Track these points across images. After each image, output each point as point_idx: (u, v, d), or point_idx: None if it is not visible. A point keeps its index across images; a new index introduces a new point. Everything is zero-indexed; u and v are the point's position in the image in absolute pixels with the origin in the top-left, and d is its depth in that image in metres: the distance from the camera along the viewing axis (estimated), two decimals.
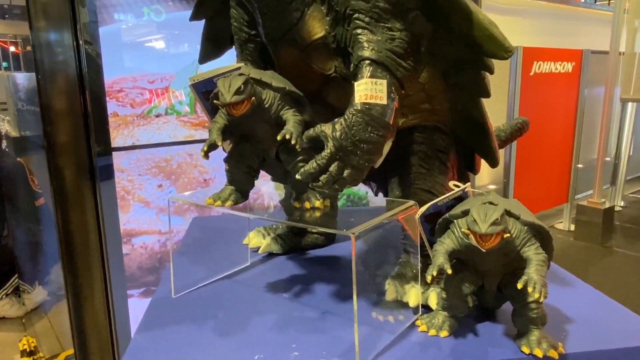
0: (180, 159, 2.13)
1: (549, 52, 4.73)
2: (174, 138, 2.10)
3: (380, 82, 0.78)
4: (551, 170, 4.99)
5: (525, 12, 5.52)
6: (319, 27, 0.87)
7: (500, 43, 0.83)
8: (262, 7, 0.88)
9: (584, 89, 5.06)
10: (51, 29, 1.83)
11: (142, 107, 2.02)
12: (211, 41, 1.17)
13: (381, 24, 0.80)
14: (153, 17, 1.99)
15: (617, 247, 4.53)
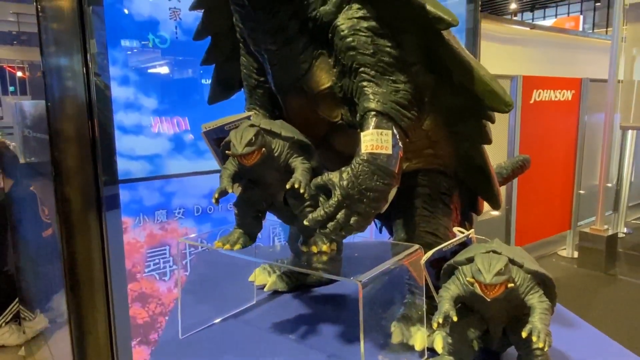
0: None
1: (549, 80, 4.79)
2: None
3: (386, 132, 0.81)
4: (553, 197, 5.00)
5: (525, 41, 5.62)
6: (326, 78, 0.90)
7: (500, 97, 0.86)
8: (272, 59, 0.92)
9: (583, 117, 5.11)
10: (62, 55, 1.87)
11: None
12: (221, 84, 1.21)
13: (386, 76, 0.83)
14: (158, 44, 2.04)
15: (621, 275, 4.50)
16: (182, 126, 2.16)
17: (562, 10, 15.61)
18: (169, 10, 2.03)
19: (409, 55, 0.85)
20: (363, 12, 0.85)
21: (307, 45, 0.89)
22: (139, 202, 2.06)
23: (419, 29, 0.84)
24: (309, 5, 0.86)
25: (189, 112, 2.16)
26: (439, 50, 0.86)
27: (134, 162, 2.02)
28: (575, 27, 12.86)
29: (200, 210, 2.22)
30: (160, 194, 2.11)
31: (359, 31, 0.83)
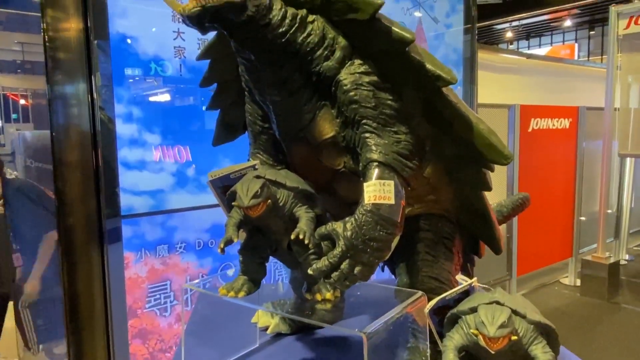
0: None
1: (546, 109, 4.85)
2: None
3: (388, 183, 0.82)
4: (554, 224, 5.00)
5: (521, 70, 5.71)
6: (329, 128, 0.92)
7: (499, 151, 0.88)
8: (277, 109, 0.95)
9: (582, 144, 5.15)
10: (67, 85, 1.89)
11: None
12: (226, 127, 1.24)
13: (387, 128, 0.86)
14: (160, 72, 2.08)
15: (625, 304, 4.47)
16: (184, 156, 2.18)
17: (557, 39, 15.94)
18: (174, 49, 2.07)
19: (410, 107, 0.88)
20: (365, 67, 0.88)
21: (310, 96, 0.92)
22: (141, 237, 2.06)
23: (418, 84, 0.87)
24: (313, 61, 0.89)
25: (191, 141, 2.18)
26: (439, 105, 0.89)
27: (137, 198, 2.03)
28: (571, 54, 13.09)
29: (201, 244, 2.22)
30: (162, 228, 2.11)
31: (361, 85, 0.86)
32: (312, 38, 0.88)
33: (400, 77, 0.88)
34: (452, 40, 3.05)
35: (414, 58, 0.84)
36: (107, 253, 1.98)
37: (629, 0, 9.29)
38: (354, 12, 0.86)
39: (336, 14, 0.89)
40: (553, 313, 4.29)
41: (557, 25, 14.90)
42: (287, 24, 0.86)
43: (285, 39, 0.87)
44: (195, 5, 0.79)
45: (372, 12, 0.84)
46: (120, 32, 1.94)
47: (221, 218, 2.31)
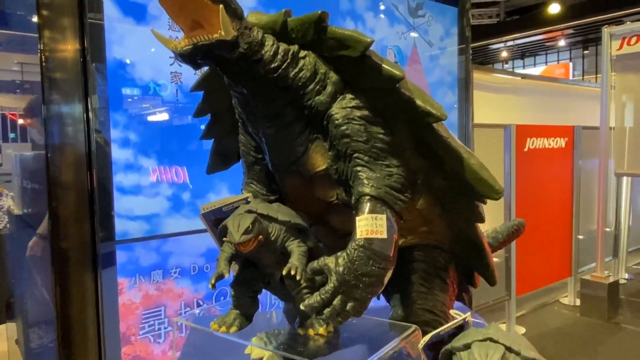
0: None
1: (541, 128, 4.88)
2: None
3: (380, 217, 0.82)
4: (552, 243, 4.99)
5: (516, 90, 5.76)
6: (321, 161, 0.93)
7: (490, 186, 0.88)
8: (269, 142, 0.95)
9: (578, 163, 5.17)
10: (63, 105, 1.88)
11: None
12: (219, 156, 1.24)
13: (379, 161, 0.86)
14: (158, 92, 2.08)
15: (625, 324, 4.43)
16: (182, 177, 2.17)
17: (552, 58, 16.16)
18: (170, 74, 2.09)
19: (401, 141, 0.88)
20: (356, 102, 0.89)
21: (303, 129, 0.92)
22: (136, 262, 2.04)
23: (409, 120, 0.88)
24: (305, 95, 0.90)
25: (188, 162, 2.17)
26: (429, 140, 0.89)
27: (132, 223, 2.02)
28: (566, 73, 13.24)
29: (197, 269, 2.20)
30: (157, 253, 2.10)
31: (352, 120, 0.86)
32: (304, 73, 0.89)
33: (391, 112, 0.88)
34: (447, 62, 3.08)
35: (404, 94, 0.85)
36: (100, 278, 1.96)
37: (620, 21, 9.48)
38: (344, 49, 0.87)
39: (327, 50, 0.91)
40: (554, 334, 4.25)
41: (552, 44, 15.14)
42: (279, 59, 0.87)
43: (277, 74, 0.87)
44: (187, 44, 0.80)
45: (363, 49, 0.85)
46: (117, 57, 1.95)
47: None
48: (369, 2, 2.63)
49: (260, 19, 0.95)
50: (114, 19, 1.93)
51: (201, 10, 0.83)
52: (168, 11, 0.85)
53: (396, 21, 2.78)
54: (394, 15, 2.76)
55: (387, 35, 2.74)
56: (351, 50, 0.87)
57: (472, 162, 0.89)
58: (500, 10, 10.82)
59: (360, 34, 0.88)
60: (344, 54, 0.88)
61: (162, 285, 2.12)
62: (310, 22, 0.91)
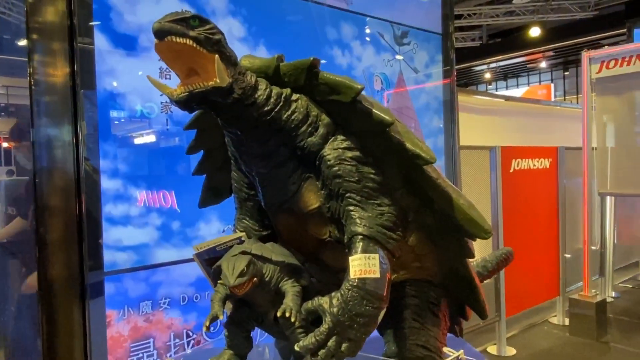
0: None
1: (526, 150, 4.97)
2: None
3: (373, 256, 0.83)
4: (540, 263, 5.03)
5: (500, 112, 5.88)
6: (314, 199, 0.94)
7: (479, 225, 0.90)
8: (262, 181, 0.96)
9: (562, 183, 5.26)
10: (51, 128, 1.87)
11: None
12: (211, 191, 1.25)
13: (371, 201, 0.87)
14: (145, 114, 2.09)
15: (614, 343, 4.45)
16: (169, 201, 2.16)
17: (534, 79, 16.59)
18: (161, 104, 2.10)
19: (392, 181, 0.90)
20: (347, 143, 0.91)
21: (295, 169, 0.94)
22: (124, 293, 2.02)
23: (399, 161, 0.90)
24: (298, 136, 0.92)
25: (176, 186, 2.16)
26: (419, 180, 0.91)
27: (120, 253, 2.00)
28: (547, 94, 13.57)
29: (186, 299, 2.18)
30: (146, 284, 2.08)
31: (344, 160, 0.88)
32: (296, 115, 0.91)
33: (382, 153, 0.90)
34: (433, 87, 3.14)
35: (394, 138, 0.87)
36: (88, 310, 1.93)
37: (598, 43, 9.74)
38: (336, 94, 0.90)
39: (319, 94, 0.93)
40: (544, 355, 4.26)
41: (533, 66, 15.55)
42: (272, 102, 0.90)
43: (270, 116, 0.89)
44: (183, 91, 0.82)
45: (354, 95, 0.88)
46: (107, 88, 1.96)
47: None
48: (355, 31, 2.69)
49: (253, 62, 0.98)
50: (104, 50, 1.94)
51: (197, 58, 0.85)
52: (163, 58, 0.87)
53: (382, 49, 2.83)
54: (379, 43, 2.82)
55: (374, 62, 2.80)
56: (342, 95, 0.89)
57: (461, 202, 0.91)
58: (483, 33, 11.14)
59: (350, 81, 0.90)
60: (335, 99, 0.90)
61: (151, 316, 2.09)
62: (302, 68, 0.93)
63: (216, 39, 0.87)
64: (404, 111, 2.92)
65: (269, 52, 2.38)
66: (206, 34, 0.86)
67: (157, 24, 0.83)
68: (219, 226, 2.27)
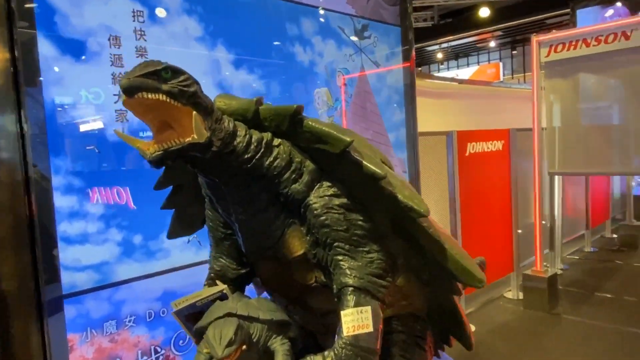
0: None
1: (480, 133, 5.09)
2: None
3: (365, 309, 0.81)
4: (495, 241, 5.23)
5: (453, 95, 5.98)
6: (299, 245, 0.90)
7: (473, 275, 0.89)
8: (242, 227, 0.91)
9: (514, 164, 5.45)
10: None
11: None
12: (181, 223, 1.18)
13: (360, 248, 0.84)
14: (91, 100, 1.95)
15: (565, 314, 4.72)
16: (124, 197, 2.06)
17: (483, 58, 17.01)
18: (115, 113, 1.97)
19: (381, 227, 0.88)
20: (334, 190, 0.87)
21: (278, 214, 0.89)
22: (86, 315, 1.92)
23: (390, 211, 0.87)
24: (281, 183, 0.87)
25: (130, 181, 2.04)
26: (410, 229, 0.89)
27: (80, 274, 1.90)
28: (496, 73, 13.97)
29: (152, 315, 2.11)
30: (109, 303, 1.98)
31: (331, 209, 0.85)
32: (278, 162, 0.86)
33: (370, 201, 0.87)
34: (394, 80, 3.13)
35: (386, 189, 0.84)
36: (48, 335, 1.82)
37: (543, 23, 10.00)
38: (323, 144, 0.85)
39: (303, 141, 0.88)
40: (501, 330, 4.45)
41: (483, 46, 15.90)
42: (252, 149, 0.84)
43: (251, 164, 0.84)
44: (157, 150, 0.75)
45: (343, 147, 0.83)
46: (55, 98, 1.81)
47: (172, 284, 2.20)
48: (316, 26, 2.61)
49: (229, 104, 0.91)
50: (49, 57, 1.79)
51: (170, 112, 0.78)
52: (133, 112, 0.79)
53: (344, 44, 2.78)
54: (341, 38, 2.76)
55: (336, 58, 2.74)
56: (330, 146, 0.85)
57: (454, 252, 0.90)
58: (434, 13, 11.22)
59: (339, 131, 0.85)
60: (321, 148, 0.86)
61: (117, 336, 2.00)
62: (285, 115, 0.88)
63: (191, 91, 0.80)
64: (367, 106, 2.90)
65: (228, 51, 2.28)
66: (180, 86, 0.79)
67: (125, 81, 0.76)
68: (183, 237, 2.19)
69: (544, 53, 5.06)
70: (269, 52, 2.44)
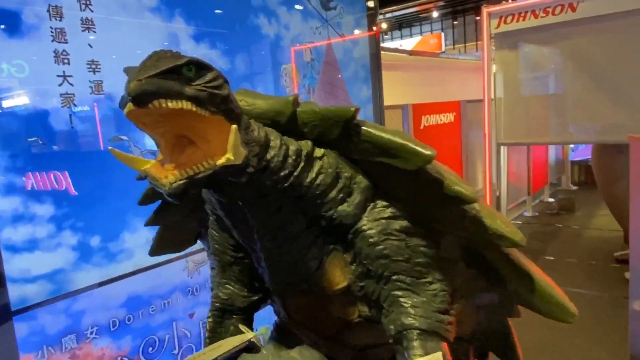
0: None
1: (433, 106, 5.11)
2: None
3: (436, 356, 0.68)
4: None
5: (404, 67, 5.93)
6: (341, 276, 0.75)
7: (566, 309, 0.78)
8: (269, 257, 0.74)
9: (465, 135, 5.54)
10: None
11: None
12: (171, 239, 0.99)
13: (422, 280, 0.71)
14: (14, 73, 1.66)
15: None
16: (63, 183, 1.80)
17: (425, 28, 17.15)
18: (60, 96, 1.69)
19: (448, 252, 0.74)
20: (391, 210, 0.71)
21: (315, 240, 0.73)
22: (41, 332, 1.68)
23: (470, 235, 0.73)
24: (324, 205, 0.70)
25: (69, 165, 1.77)
26: (491, 257, 0.76)
27: (30, 286, 1.64)
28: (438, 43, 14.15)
29: (117, 323, 1.89)
30: (66, 316, 1.75)
31: (390, 235, 0.70)
32: (322, 178, 0.69)
33: (442, 224, 0.73)
34: (360, 55, 2.98)
35: (470, 215, 0.69)
36: None
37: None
38: (390, 158, 0.68)
39: (358, 153, 0.71)
40: None
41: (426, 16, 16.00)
42: (290, 164, 0.66)
43: (288, 183, 0.67)
44: (180, 177, 0.55)
45: (421, 164, 0.67)
46: None
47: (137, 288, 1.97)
48: None
49: (253, 105, 0.71)
50: None
51: (193, 123, 0.59)
52: (138, 124, 0.59)
53: (309, 16, 2.58)
54: (307, 9, 2.56)
55: (302, 31, 2.54)
56: (402, 161, 0.68)
57: (543, 284, 0.78)
58: None
59: (416, 143, 0.69)
60: (386, 162, 0.69)
61: (78, 350, 1.78)
62: (336, 121, 0.70)
63: (223, 95, 0.61)
64: (334, 82, 2.74)
65: (187, 23, 2.02)
66: (209, 89, 0.60)
67: (135, 85, 0.55)
68: (146, 234, 1.97)
69: (494, 24, 5.09)
70: (233, 25, 2.20)
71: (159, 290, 2.02)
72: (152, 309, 1.98)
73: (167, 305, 2.04)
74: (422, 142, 0.69)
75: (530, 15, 4.93)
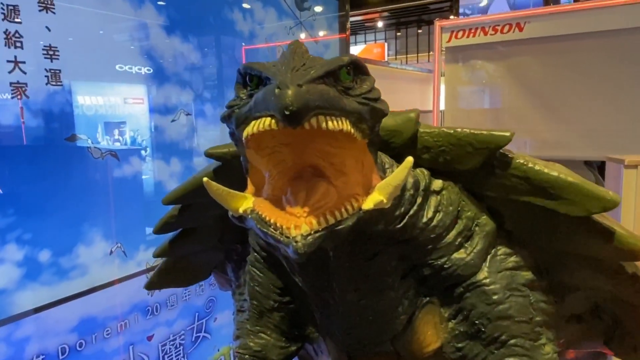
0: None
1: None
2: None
3: None
4: None
5: None
6: (434, 335, 0.62)
7: None
8: (347, 311, 0.59)
9: None
10: None
11: None
12: (180, 272, 0.82)
13: (538, 342, 0.60)
14: None
15: None
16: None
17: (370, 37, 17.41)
18: (10, 85, 1.43)
19: (571, 310, 0.63)
20: (515, 258, 0.59)
21: (406, 291, 0.59)
22: None
23: (617, 295, 0.62)
24: (435, 251, 0.56)
25: (16, 165, 1.51)
26: (620, 314, 0.65)
27: None
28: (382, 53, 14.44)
29: (67, 350, 1.64)
30: (7, 344, 1.48)
31: (515, 290, 0.58)
32: (440, 218, 0.56)
33: (575, 279, 0.61)
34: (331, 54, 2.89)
35: (626, 273, 0.58)
36: None
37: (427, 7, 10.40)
38: (546, 199, 0.53)
39: (500, 190, 0.56)
40: None
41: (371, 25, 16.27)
42: (407, 200, 0.52)
43: (401, 224, 0.52)
44: (317, 228, 0.39)
45: (599, 210, 0.53)
46: None
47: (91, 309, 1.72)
48: None
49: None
50: None
51: (328, 148, 0.43)
52: (257, 148, 0.43)
53: (284, 14, 2.44)
54: (281, 7, 2.42)
55: (277, 31, 2.40)
56: (566, 204, 0.53)
57: None
58: None
59: (590, 184, 0.54)
60: (538, 203, 0.55)
61: None
62: (480, 148, 0.55)
63: (385, 112, 0.49)
64: None
65: (158, 13, 1.82)
66: (370, 101, 0.46)
67: (297, 92, 0.38)
68: (104, 247, 1.74)
69: (445, 38, 5.20)
70: (206, 18, 2.01)
71: (115, 311, 1.79)
72: (107, 332, 1.75)
73: (124, 328, 1.81)
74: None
75: (480, 32, 5.10)
